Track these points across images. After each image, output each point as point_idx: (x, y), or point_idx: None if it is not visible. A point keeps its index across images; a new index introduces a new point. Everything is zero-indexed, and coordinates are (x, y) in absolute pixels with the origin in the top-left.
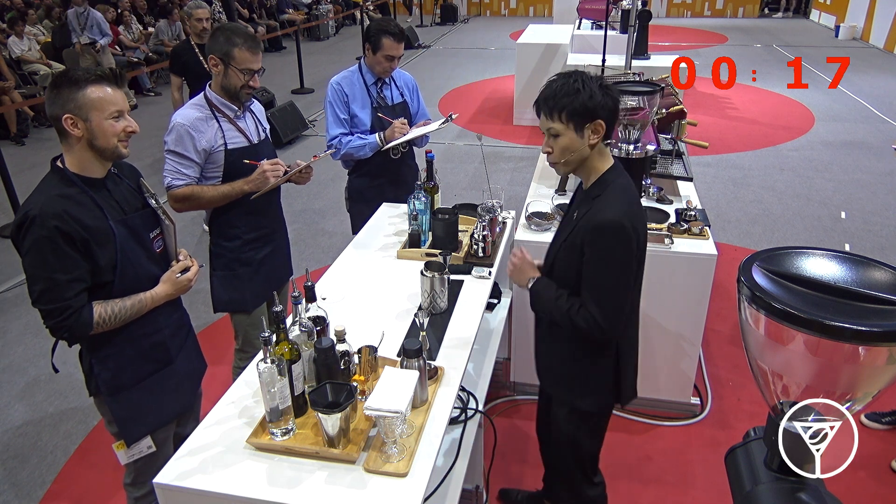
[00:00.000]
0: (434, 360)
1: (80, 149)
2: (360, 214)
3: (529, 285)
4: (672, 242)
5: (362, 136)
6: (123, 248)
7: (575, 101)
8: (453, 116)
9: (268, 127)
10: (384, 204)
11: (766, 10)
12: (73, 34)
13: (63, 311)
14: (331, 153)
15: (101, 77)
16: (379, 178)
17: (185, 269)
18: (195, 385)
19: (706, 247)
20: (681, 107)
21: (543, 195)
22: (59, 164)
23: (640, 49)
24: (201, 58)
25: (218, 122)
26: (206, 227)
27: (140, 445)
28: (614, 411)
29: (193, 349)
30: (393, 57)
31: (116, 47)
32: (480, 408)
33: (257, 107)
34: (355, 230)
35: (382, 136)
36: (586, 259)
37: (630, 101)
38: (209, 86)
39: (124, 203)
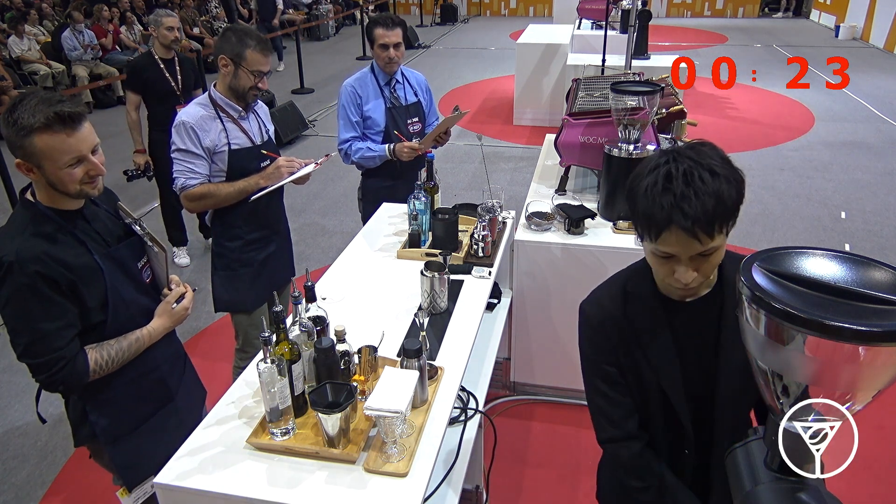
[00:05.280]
0: (434, 360)
1: (45, 187)
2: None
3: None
4: None
5: (372, 147)
6: (113, 283)
7: (739, 198)
8: (462, 112)
9: (272, 128)
10: (384, 204)
11: (766, 10)
12: (69, 54)
13: (56, 364)
14: (334, 155)
15: (48, 124)
16: (393, 180)
17: (180, 298)
18: (197, 417)
19: None
20: (681, 107)
21: (543, 195)
22: (28, 196)
23: (640, 49)
24: (167, 74)
25: (221, 122)
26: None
27: (144, 487)
28: None
29: (192, 380)
30: (387, 45)
31: (117, 47)
32: (480, 408)
33: (262, 108)
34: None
35: (392, 148)
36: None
37: (630, 101)
38: (214, 85)
39: (106, 233)
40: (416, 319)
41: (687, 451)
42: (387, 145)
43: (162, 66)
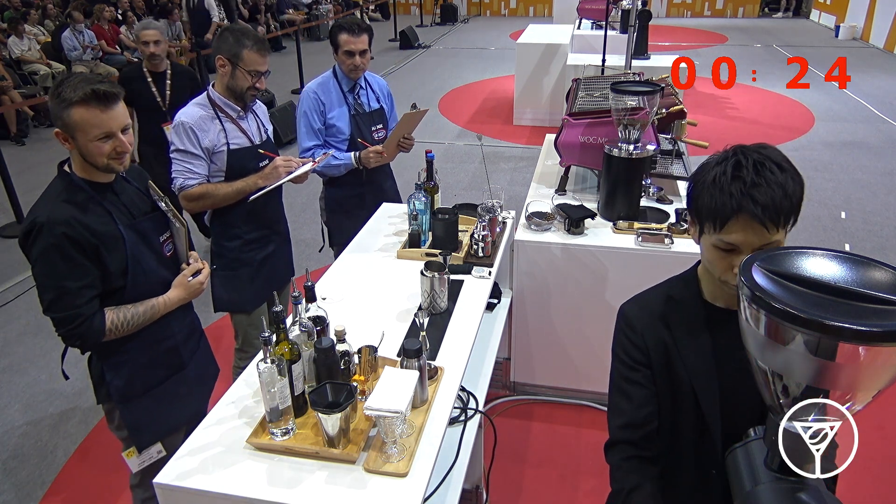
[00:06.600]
0: (434, 360)
1: (79, 159)
2: (339, 226)
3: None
4: (672, 242)
5: (337, 155)
6: (133, 252)
7: (801, 196)
8: (422, 110)
9: (271, 128)
10: (384, 204)
11: (767, 10)
12: (68, 54)
13: (74, 319)
14: (332, 152)
15: (85, 99)
16: (358, 188)
17: (197, 273)
18: (207, 390)
19: None
20: (681, 107)
21: (543, 195)
22: (66, 168)
23: (640, 49)
24: (154, 89)
25: (220, 122)
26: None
27: (150, 451)
28: None
29: (206, 353)
30: (352, 52)
31: (116, 47)
32: (480, 408)
33: (261, 108)
34: (333, 243)
35: (358, 156)
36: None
37: (630, 101)
38: (212, 86)
39: (133, 207)
40: (416, 319)
41: (715, 472)
42: (352, 153)
43: (150, 79)
